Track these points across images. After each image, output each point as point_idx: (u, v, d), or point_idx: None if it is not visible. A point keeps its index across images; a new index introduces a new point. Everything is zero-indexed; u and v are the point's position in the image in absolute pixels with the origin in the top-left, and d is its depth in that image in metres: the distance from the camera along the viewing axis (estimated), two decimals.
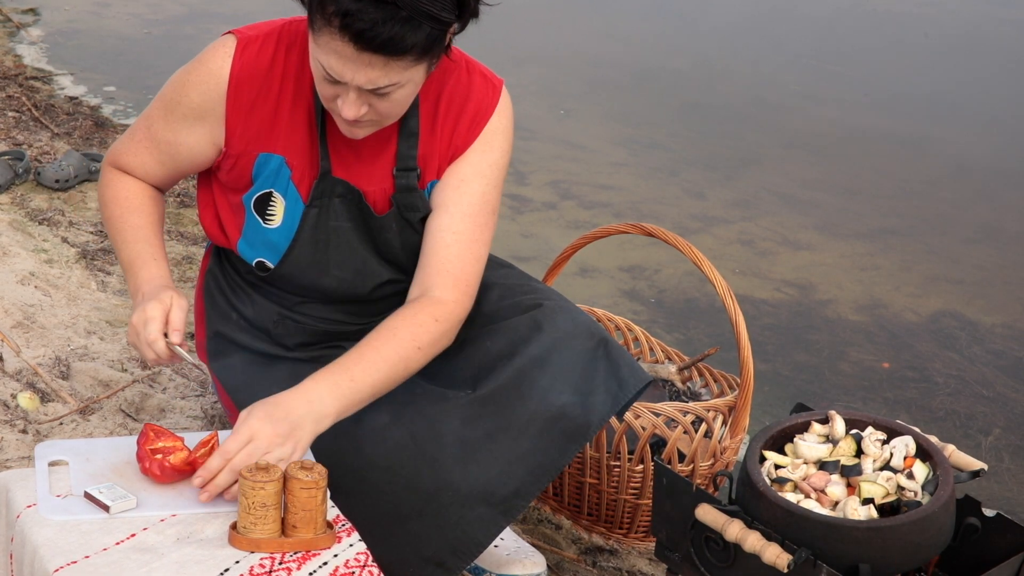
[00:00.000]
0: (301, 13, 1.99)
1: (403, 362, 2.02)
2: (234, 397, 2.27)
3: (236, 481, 1.84)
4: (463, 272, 2.12)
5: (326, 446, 2.04)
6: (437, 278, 2.11)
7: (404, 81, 1.93)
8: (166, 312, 2.02)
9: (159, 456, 1.88)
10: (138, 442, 1.91)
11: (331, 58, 1.89)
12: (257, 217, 2.16)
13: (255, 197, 2.15)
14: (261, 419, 1.86)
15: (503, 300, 2.23)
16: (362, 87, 1.91)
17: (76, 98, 5.44)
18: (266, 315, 2.27)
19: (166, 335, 2.01)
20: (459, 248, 2.13)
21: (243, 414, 1.89)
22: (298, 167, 2.12)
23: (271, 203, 2.14)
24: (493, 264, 2.39)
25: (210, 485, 1.84)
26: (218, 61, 2.09)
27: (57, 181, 4.17)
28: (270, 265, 2.20)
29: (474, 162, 2.16)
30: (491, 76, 2.19)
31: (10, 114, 4.97)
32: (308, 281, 2.20)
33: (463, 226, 2.14)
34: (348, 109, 1.95)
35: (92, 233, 3.86)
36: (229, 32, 2.12)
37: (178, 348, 2.01)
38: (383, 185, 2.16)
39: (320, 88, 1.98)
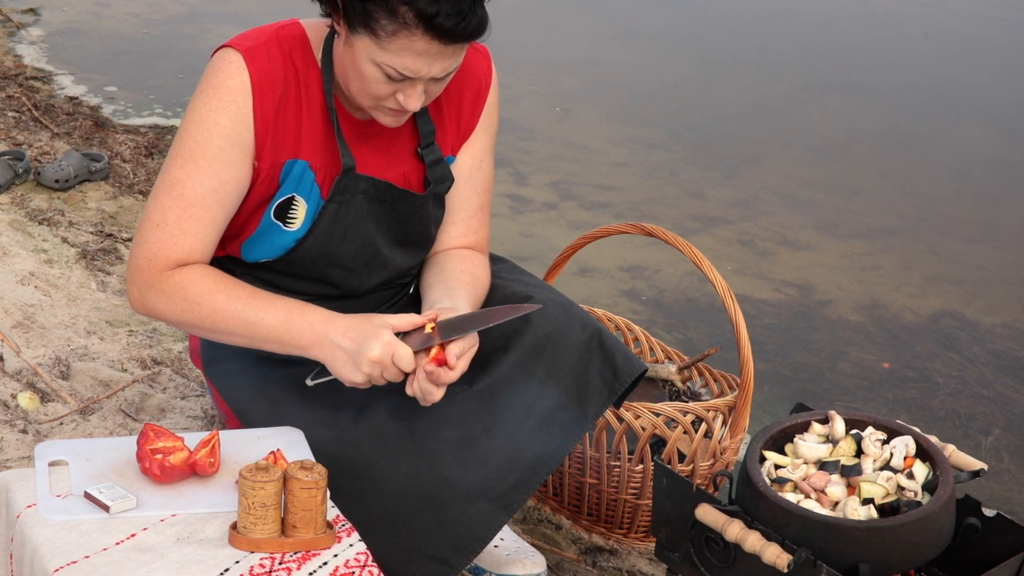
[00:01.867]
0: (291, 16, 2.00)
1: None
2: (231, 403, 2.27)
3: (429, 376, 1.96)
4: (486, 235, 2.35)
5: (325, 445, 2.04)
6: (469, 237, 2.31)
7: (462, 61, 2.00)
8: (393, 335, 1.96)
9: (159, 456, 1.88)
10: (138, 442, 1.91)
11: (409, 59, 1.91)
12: (277, 222, 2.13)
13: (277, 203, 2.12)
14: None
15: (495, 293, 2.24)
16: (435, 77, 1.95)
17: (76, 98, 5.44)
18: None
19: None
20: (484, 217, 2.32)
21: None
22: (321, 168, 2.11)
23: (292, 207, 2.13)
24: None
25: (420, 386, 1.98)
26: (235, 77, 2.01)
27: (57, 181, 4.17)
28: (271, 261, 2.19)
29: (485, 140, 2.28)
30: (477, 45, 2.22)
31: (10, 114, 4.97)
32: (317, 271, 2.19)
33: (486, 198, 2.31)
34: (415, 101, 1.98)
35: (92, 233, 3.86)
36: (224, 47, 2.06)
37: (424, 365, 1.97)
38: (403, 169, 2.17)
39: (375, 89, 1.97)
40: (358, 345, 1.95)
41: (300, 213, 2.13)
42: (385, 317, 1.99)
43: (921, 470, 1.99)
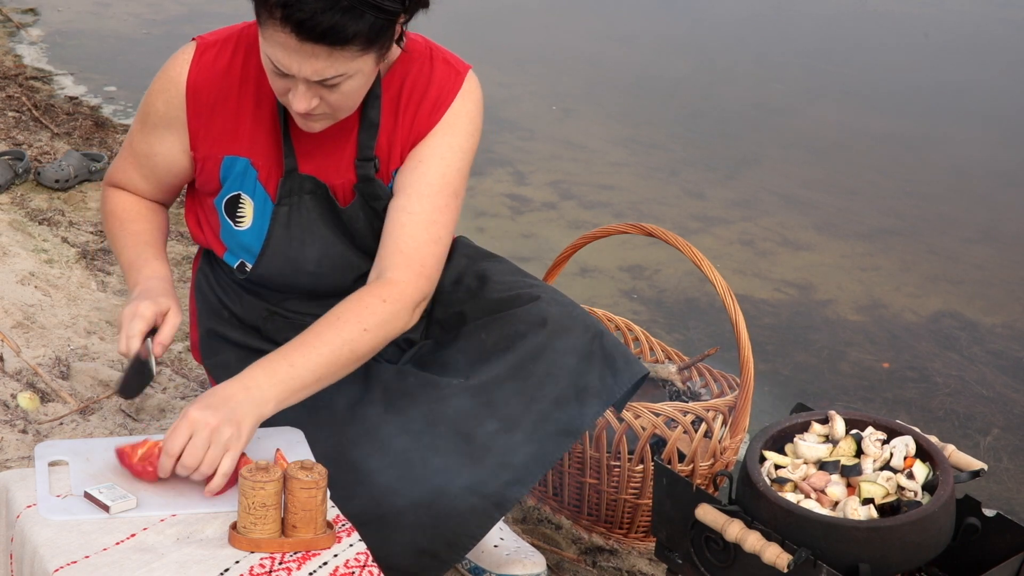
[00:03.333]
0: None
1: (347, 345, 1.99)
2: None
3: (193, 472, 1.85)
4: (417, 252, 2.10)
5: (320, 438, 2.05)
6: (390, 259, 2.10)
7: (352, 72, 1.93)
8: (157, 317, 2.02)
9: (147, 463, 1.88)
10: (123, 464, 1.90)
11: (276, 50, 1.90)
12: (228, 220, 2.18)
13: (225, 200, 2.18)
14: (199, 409, 1.85)
15: (498, 293, 2.24)
16: (309, 79, 1.92)
17: (76, 98, 5.44)
18: (255, 312, 2.28)
19: (147, 338, 2.01)
20: (413, 228, 2.10)
21: (183, 411, 1.88)
22: (264, 167, 2.14)
23: (240, 205, 2.17)
24: (484, 256, 2.39)
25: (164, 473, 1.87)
26: (177, 68, 2.13)
27: (57, 181, 4.17)
28: (249, 267, 2.21)
29: (434, 144, 2.15)
30: (455, 62, 2.19)
31: (10, 114, 4.97)
32: (286, 280, 2.22)
33: (419, 207, 2.12)
34: (298, 102, 1.96)
35: (92, 233, 3.86)
36: (194, 39, 2.15)
37: (151, 358, 2.01)
38: (347, 176, 2.17)
39: (272, 83, 1.99)
40: (132, 297, 2.08)
41: (248, 211, 2.18)
42: (171, 318, 2.03)
43: (921, 470, 1.99)
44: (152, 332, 2.02)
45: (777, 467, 2.04)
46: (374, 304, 2.04)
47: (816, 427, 2.11)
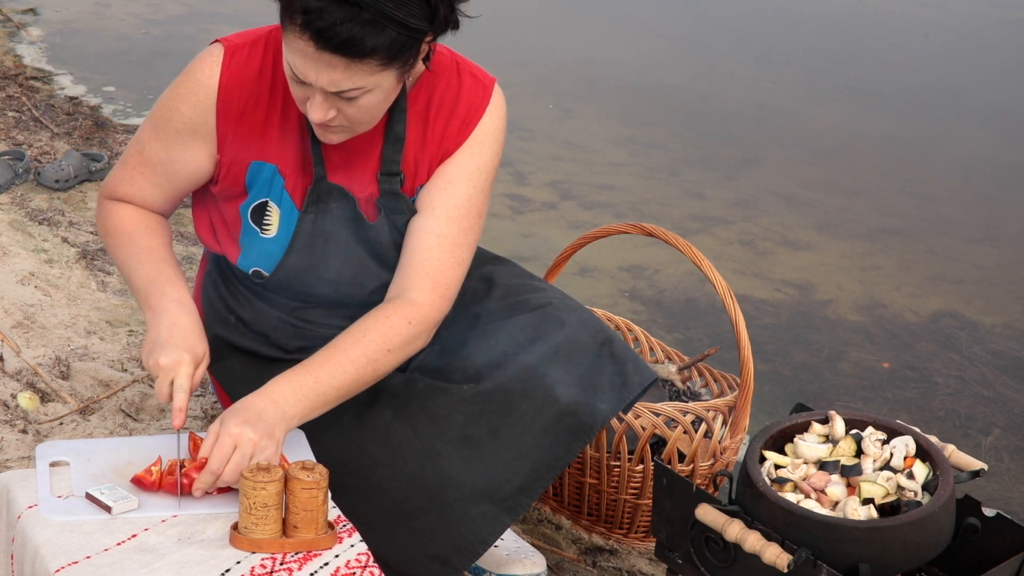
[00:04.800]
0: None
1: (371, 364, 2.01)
2: (234, 399, 2.27)
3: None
4: (443, 275, 2.10)
5: (330, 444, 2.04)
6: (415, 280, 2.09)
7: (371, 86, 1.91)
8: (196, 367, 1.98)
9: (173, 476, 1.88)
10: (146, 489, 1.88)
11: (296, 57, 1.88)
12: (254, 227, 2.15)
13: (252, 207, 2.14)
14: (240, 424, 1.86)
15: (508, 298, 2.23)
16: (326, 89, 1.90)
17: (76, 98, 5.44)
18: (265, 320, 2.26)
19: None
20: (441, 251, 2.11)
21: (215, 424, 1.88)
22: (291, 175, 2.12)
23: (267, 212, 2.14)
24: (490, 259, 2.38)
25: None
26: (206, 71, 2.07)
27: (57, 181, 4.17)
28: (265, 274, 2.19)
29: (463, 164, 2.14)
30: (482, 76, 2.17)
31: (10, 114, 4.97)
32: (304, 287, 2.20)
33: (447, 228, 2.12)
34: (315, 111, 1.94)
35: (92, 233, 3.86)
36: (216, 41, 2.11)
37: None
38: (370, 190, 2.15)
39: (292, 89, 1.97)
40: (165, 339, 1.97)
41: (274, 219, 2.14)
42: (204, 364, 1.99)
43: (921, 470, 1.99)
44: None
45: (777, 467, 2.05)
46: (400, 325, 2.04)
47: (816, 427, 2.11)
